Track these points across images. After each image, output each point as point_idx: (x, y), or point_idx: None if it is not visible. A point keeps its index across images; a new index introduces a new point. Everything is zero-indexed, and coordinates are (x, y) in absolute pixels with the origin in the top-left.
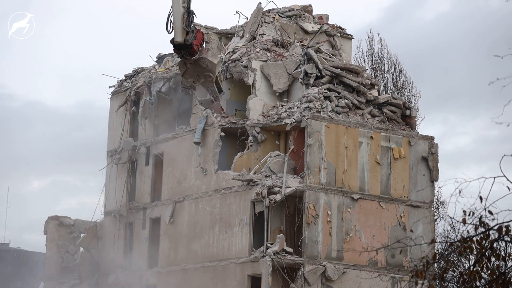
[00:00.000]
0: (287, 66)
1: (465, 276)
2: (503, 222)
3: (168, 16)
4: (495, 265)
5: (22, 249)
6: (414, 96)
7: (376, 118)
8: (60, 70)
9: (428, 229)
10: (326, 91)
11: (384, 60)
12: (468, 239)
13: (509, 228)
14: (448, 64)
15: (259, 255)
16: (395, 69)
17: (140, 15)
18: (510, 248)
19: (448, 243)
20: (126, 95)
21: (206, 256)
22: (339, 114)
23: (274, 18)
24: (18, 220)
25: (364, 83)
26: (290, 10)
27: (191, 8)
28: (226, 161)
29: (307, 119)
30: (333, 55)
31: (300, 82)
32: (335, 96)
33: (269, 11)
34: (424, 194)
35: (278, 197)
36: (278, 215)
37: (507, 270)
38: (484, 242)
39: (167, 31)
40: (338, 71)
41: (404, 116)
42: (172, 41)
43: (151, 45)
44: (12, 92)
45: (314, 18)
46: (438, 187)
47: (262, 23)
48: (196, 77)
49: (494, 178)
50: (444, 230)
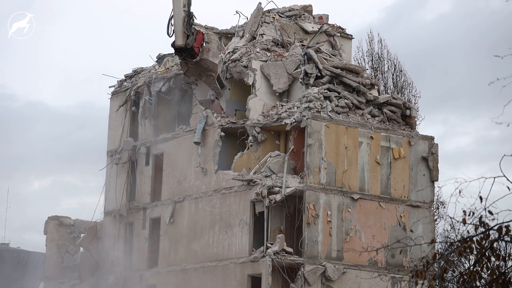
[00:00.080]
0: (287, 66)
1: (465, 276)
2: (503, 222)
3: (169, 20)
4: (495, 265)
5: (22, 249)
6: (414, 96)
7: (376, 118)
8: (61, 70)
9: (428, 229)
10: (326, 91)
11: (384, 60)
12: (468, 239)
13: (509, 228)
14: (449, 64)
15: (259, 255)
16: (395, 69)
17: (140, 15)
18: (510, 248)
19: (448, 243)
20: (126, 95)
21: (206, 256)
22: (339, 114)
23: (274, 18)
24: (18, 220)
25: (364, 83)
26: (290, 10)
27: (191, 11)
28: (226, 161)
29: (307, 119)
30: (333, 55)
31: (300, 82)
32: (335, 96)
33: (269, 11)
34: (424, 194)
35: (278, 197)
36: (278, 215)
37: (507, 270)
38: (484, 242)
39: (168, 35)
40: (338, 71)
41: (404, 116)
42: (173, 45)
43: (151, 45)
44: (13, 92)
45: (314, 18)
46: (438, 187)
47: (262, 23)
48: (198, 76)
49: (494, 178)
50: (444, 230)
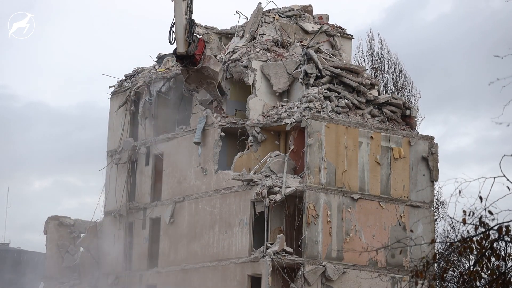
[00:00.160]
0: (287, 66)
1: (465, 276)
2: (503, 222)
3: (171, 27)
4: (495, 265)
5: (22, 249)
6: (414, 96)
7: (376, 118)
8: (61, 71)
9: (428, 229)
10: (326, 91)
11: (384, 60)
12: (468, 239)
13: (509, 228)
14: (449, 65)
15: (259, 255)
16: (395, 69)
17: (140, 15)
18: (510, 248)
19: (448, 243)
20: (126, 95)
21: (206, 256)
22: (339, 114)
23: (274, 18)
24: (19, 220)
25: (364, 83)
26: (290, 10)
27: (193, 18)
28: (226, 161)
29: (307, 119)
30: (333, 55)
31: (300, 82)
32: (335, 96)
33: (269, 11)
34: (424, 194)
35: (278, 197)
36: (278, 215)
37: (507, 270)
38: (484, 242)
39: (170, 42)
40: (338, 71)
41: (404, 116)
42: (175, 52)
43: (151, 45)
44: (14, 93)
45: (314, 18)
46: (438, 187)
47: (262, 23)
48: (199, 83)
49: (494, 178)
50: (444, 230)
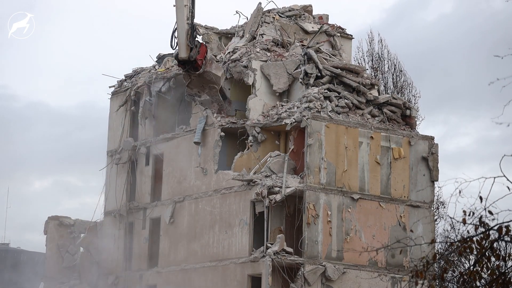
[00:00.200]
0: (287, 66)
1: (465, 276)
2: (503, 222)
3: (173, 32)
4: (495, 265)
5: (22, 249)
6: (414, 96)
7: (376, 118)
8: (61, 71)
9: (428, 229)
10: (326, 91)
11: (384, 60)
12: (468, 239)
13: (509, 228)
14: (449, 65)
15: (259, 255)
16: (395, 69)
17: (140, 15)
18: (510, 248)
19: (448, 243)
20: (126, 95)
21: (206, 256)
22: (339, 114)
23: (274, 18)
24: (19, 220)
25: (364, 83)
26: (290, 10)
27: (195, 23)
28: (226, 161)
29: (307, 119)
30: (333, 55)
31: (300, 82)
32: (335, 96)
33: (269, 11)
34: (424, 194)
35: (278, 197)
36: (278, 215)
37: (507, 270)
38: (484, 242)
39: (171, 47)
40: (338, 71)
41: (404, 116)
42: (177, 57)
43: (151, 45)
44: (14, 93)
45: (314, 18)
46: (438, 187)
47: (262, 23)
48: (201, 88)
49: (494, 178)
50: (444, 230)
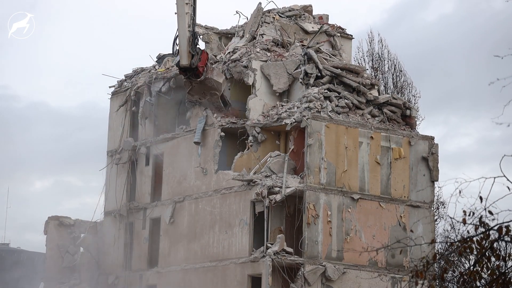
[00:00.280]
0: (287, 66)
1: (465, 276)
2: (503, 222)
3: (174, 40)
4: (495, 265)
5: (22, 249)
6: (414, 96)
7: (376, 118)
8: (62, 71)
9: (428, 229)
10: (326, 91)
11: (385, 60)
12: (468, 239)
13: (509, 228)
14: (450, 65)
15: (259, 255)
16: (395, 69)
17: (140, 15)
18: (510, 248)
19: (448, 243)
20: (126, 95)
21: (206, 256)
22: (339, 114)
23: (274, 18)
24: (19, 220)
25: (364, 83)
26: (290, 10)
27: (196, 30)
28: (226, 161)
29: (307, 119)
30: (333, 55)
31: (300, 82)
32: (335, 96)
33: (269, 11)
34: (424, 194)
35: (278, 197)
36: (278, 215)
37: (507, 270)
38: (484, 242)
39: (173, 54)
40: (338, 71)
41: (404, 116)
42: (178, 64)
43: (151, 45)
44: (15, 93)
45: (314, 18)
46: (438, 187)
47: (262, 23)
48: (202, 94)
49: (494, 178)
50: (444, 230)
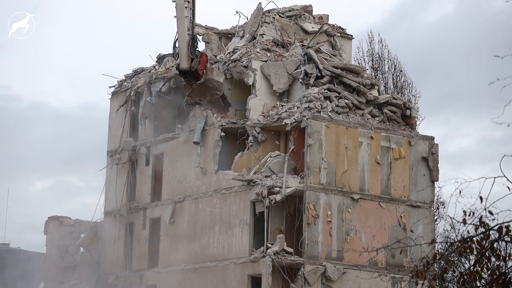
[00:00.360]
0: (287, 66)
1: (465, 276)
2: (503, 222)
3: (174, 43)
4: (495, 265)
5: (22, 249)
6: (414, 96)
7: (376, 118)
8: (63, 71)
9: (428, 229)
10: (326, 91)
11: (385, 60)
12: (468, 239)
13: (509, 228)
14: (451, 66)
15: (259, 255)
16: (395, 69)
17: (140, 15)
18: (510, 248)
19: (448, 243)
20: (126, 95)
21: (206, 256)
22: (339, 114)
23: (274, 18)
24: (19, 220)
25: (364, 83)
26: (290, 10)
27: (195, 34)
28: (226, 161)
29: (307, 119)
30: (333, 55)
31: (300, 82)
32: (335, 96)
33: (269, 11)
34: (424, 194)
35: (278, 197)
36: (278, 215)
37: (507, 270)
38: (484, 242)
39: (174, 57)
40: (338, 71)
41: (404, 116)
42: (178, 68)
43: (151, 45)
44: (16, 94)
45: (314, 18)
46: (438, 187)
47: (262, 23)
48: (202, 96)
49: (495, 178)
50: (444, 230)
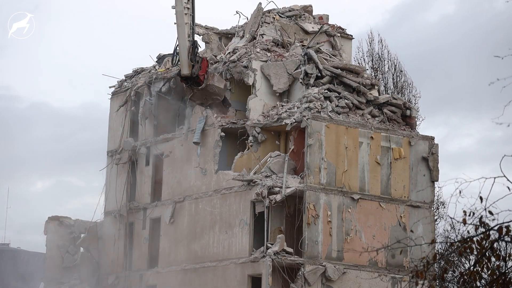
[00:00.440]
0: (287, 66)
1: (466, 277)
2: (504, 223)
3: (175, 49)
4: (495, 266)
5: (22, 249)
6: (414, 97)
7: (376, 118)
8: (64, 71)
9: (428, 229)
10: (326, 91)
11: (385, 61)
12: (469, 239)
13: (509, 229)
14: (451, 66)
15: (259, 255)
16: (395, 70)
17: (140, 15)
18: (510, 249)
19: (448, 243)
20: (126, 95)
21: (206, 256)
22: (339, 114)
23: (274, 18)
24: (19, 220)
25: (364, 83)
26: (290, 10)
27: (195, 39)
28: (226, 161)
29: (307, 119)
30: (333, 55)
31: (300, 82)
32: (335, 96)
33: (269, 11)
34: (424, 194)
35: (278, 197)
36: (278, 215)
37: (507, 271)
38: (484, 243)
39: (174, 64)
40: (338, 71)
41: (404, 116)
42: (179, 74)
43: (151, 45)
44: (17, 94)
45: (314, 19)
46: (439, 187)
47: (262, 23)
48: (204, 100)
49: (495, 179)
50: (444, 230)
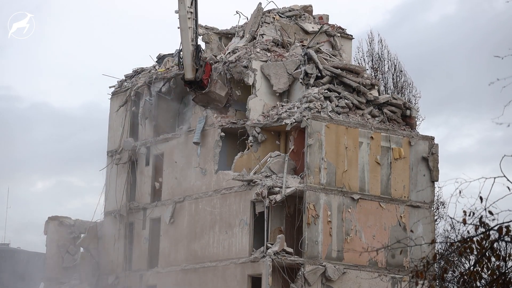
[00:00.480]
0: (287, 66)
1: (466, 277)
2: (504, 223)
3: (179, 53)
4: (495, 266)
5: (22, 249)
6: (414, 97)
7: (376, 118)
8: (63, 71)
9: (428, 229)
10: (326, 91)
11: (385, 61)
12: (469, 239)
13: (509, 229)
14: (452, 66)
15: (259, 255)
16: (395, 70)
17: (140, 16)
18: (510, 249)
19: (448, 243)
20: (126, 95)
21: (206, 256)
22: (339, 114)
23: (274, 18)
24: (19, 220)
25: (364, 83)
26: (290, 11)
27: (199, 44)
28: (226, 161)
29: (307, 119)
30: (333, 55)
31: (300, 82)
32: (335, 96)
33: (269, 11)
34: (424, 194)
35: (278, 197)
36: (278, 215)
37: (507, 271)
38: (484, 243)
39: (179, 68)
40: (338, 71)
41: (404, 116)
42: (183, 78)
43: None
44: (17, 94)
45: (314, 19)
46: (439, 187)
47: (262, 23)
48: (206, 103)
49: (495, 179)
50: (444, 230)
